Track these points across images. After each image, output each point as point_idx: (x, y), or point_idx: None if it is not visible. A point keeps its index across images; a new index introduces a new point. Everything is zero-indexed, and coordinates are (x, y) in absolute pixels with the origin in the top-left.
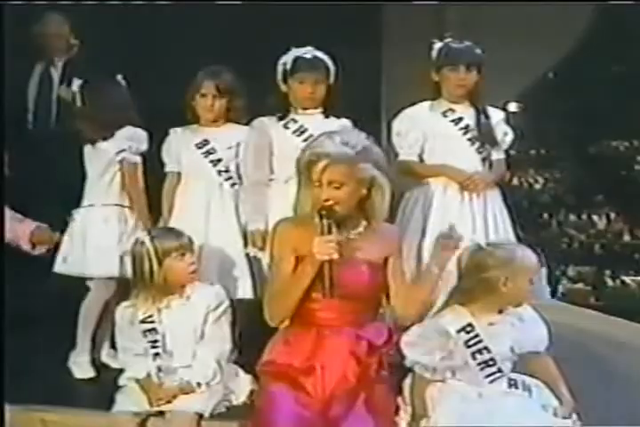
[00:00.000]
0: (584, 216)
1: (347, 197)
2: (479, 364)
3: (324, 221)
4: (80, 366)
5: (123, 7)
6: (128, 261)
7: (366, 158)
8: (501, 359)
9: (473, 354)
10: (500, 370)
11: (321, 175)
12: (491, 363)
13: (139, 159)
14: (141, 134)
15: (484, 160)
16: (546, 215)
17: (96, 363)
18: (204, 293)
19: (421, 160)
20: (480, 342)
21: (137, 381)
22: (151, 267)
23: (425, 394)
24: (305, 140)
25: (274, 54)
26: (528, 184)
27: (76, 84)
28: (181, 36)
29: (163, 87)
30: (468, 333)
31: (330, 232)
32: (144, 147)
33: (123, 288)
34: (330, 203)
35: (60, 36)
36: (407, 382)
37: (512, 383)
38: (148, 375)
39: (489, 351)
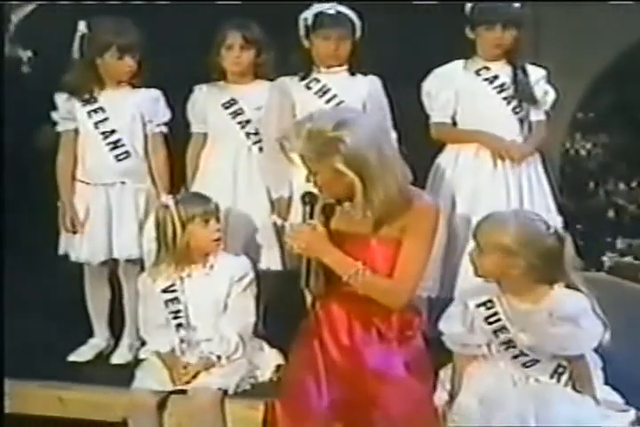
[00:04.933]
0: (634, 184)
1: (326, 184)
2: (502, 343)
3: (306, 208)
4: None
5: None
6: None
7: (337, 148)
8: (521, 344)
9: (495, 332)
10: (522, 353)
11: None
12: (512, 344)
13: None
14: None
15: (521, 121)
16: (592, 184)
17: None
18: (228, 263)
19: (454, 123)
20: (499, 320)
21: (158, 355)
22: (174, 232)
23: (462, 373)
24: (328, 101)
25: (295, 10)
26: (574, 150)
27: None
28: None
29: (182, 48)
30: (488, 309)
31: (311, 218)
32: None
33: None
34: (313, 189)
35: None
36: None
37: (559, 372)
38: (171, 350)
39: (508, 332)
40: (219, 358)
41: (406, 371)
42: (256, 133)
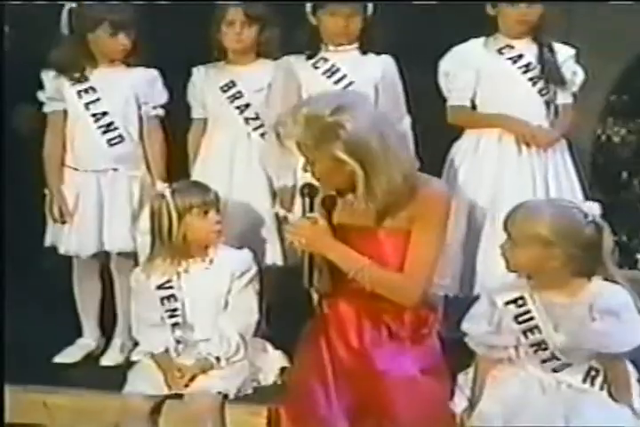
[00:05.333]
0: None
1: (325, 174)
2: (532, 345)
3: (306, 200)
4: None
5: None
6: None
7: (336, 134)
8: (554, 345)
9: (524, 332)
10: (554, 356)
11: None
12: (543, 346)
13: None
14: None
15: (547, 104)
16: (625, 174)
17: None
18: (228, 257)
19: (474, 106)
20: (531, 319)
21: (152, 356)
22: (170, 224)
23: (485, 377)
24: (337, 81)
25: None
26: (606, 137)
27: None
28: None
29: (181, 25)
30: (518, 306)
31: (311, 211)
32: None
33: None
34: (311, 180)
35: None
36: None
37: (592, 375)
38: (166, 351)
39: (540, 332)
40: (218, 359)
41: (420, 372)
42: (256, 118)
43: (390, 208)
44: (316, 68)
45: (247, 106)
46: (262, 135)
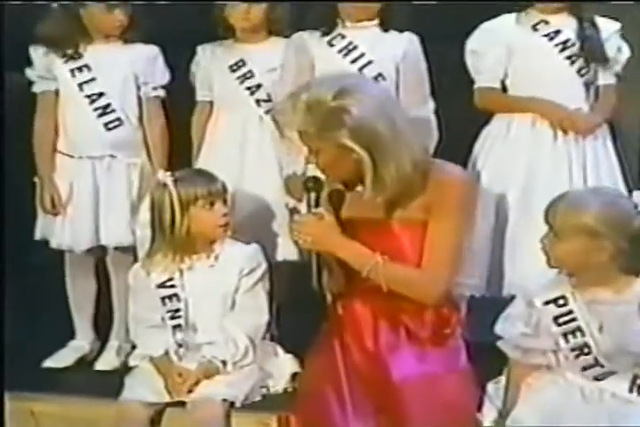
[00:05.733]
0: None
1: (330, 164)
2: (573, 349)
3: (310, 195)
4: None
5: None
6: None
7: (341, 120)
8: (598, 349)
9: (565, 335)
10: (597, 362)
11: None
12: (586, 350)
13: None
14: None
15: (587, 86)
16: None
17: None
18: (236, 252)
19: (504, 87)
20: (573, 320)
21: (151, 360)
22: (173, 216)
23: (520, 384)
24: (354, 60)
25: None
26: None
27: None
28: None
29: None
30: (559, 306)
31: (317, 206)
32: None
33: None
34: (316, 173)
35: None
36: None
37: (639, 384)
38: (166, 353)
39: (582, 334)
40: (224, 363)
41: (442, 377)
42: (269, 100)
43: (402, 198)
44: (332, 45)
45: (258, 87)
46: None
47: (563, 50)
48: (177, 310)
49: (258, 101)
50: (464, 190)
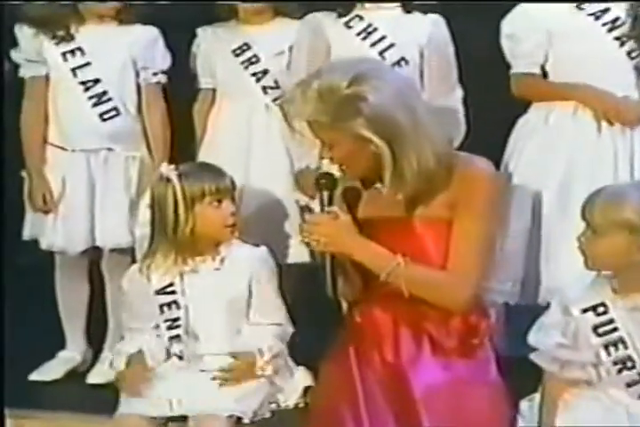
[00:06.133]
0: None
1: (346, 159)
2: (615, 363)
3: (323, 193)
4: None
5: None
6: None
7: (357, 109)
8: None
9: (606, 347)
10: None
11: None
12: (629, 364)
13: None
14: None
15: (637, 70)
16: None
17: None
18: (245, 256)
19: (544, 73)
20: (615, 330)
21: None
22: (176, 214)
23: (557, 401)
24: (374, 44)
25: None
26: None
27: None
28: None
29: None
30: (598, 315)
31: (330, 205)
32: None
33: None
34: (329, 168)
35: None
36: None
37: None
38: (141, 353)
39: (625, 346)
40: (261, 352)
41: (469, 393)
42: (276, 87)
43: (424, 194)
44: (349, 27)
45: (265, 72)
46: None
47: (611, 30)
48: (175, 319)
49: (264, 89)
50: (492, 185)
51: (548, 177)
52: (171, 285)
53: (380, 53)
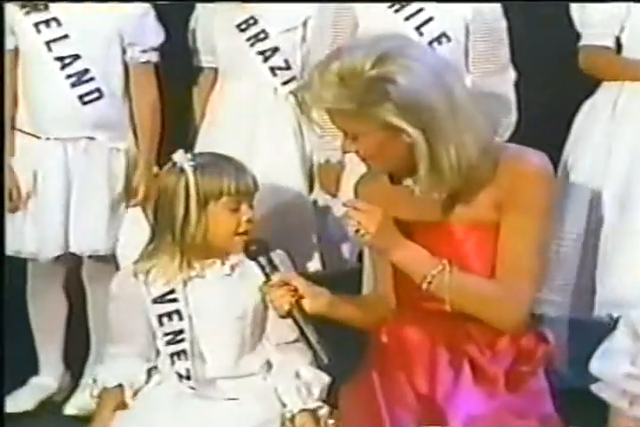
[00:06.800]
0: None
1: (374, 151)
2: None
3: (260, 260)
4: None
5: None
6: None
7: (384, 92)
8: None
9: None
10: None
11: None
12: None
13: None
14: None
15: None
16: None
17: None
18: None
19: (619, 47)
20: None
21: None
22: (186, 212)
23: None
24: (408, 18)
25: None
26: None
27: None
28: None
29: None
30: None
31: (272, 272)
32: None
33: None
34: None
35: None
36: None
37: None
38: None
39: None
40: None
41: None
42: (287, 68)
43: (465, 193)
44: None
45: (274, 51)
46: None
47: None
48: (179, 332)
49: (273, 69)
50: (547, 182)
51: (609, 172)
52: (172, 291)
53: (417, 28)
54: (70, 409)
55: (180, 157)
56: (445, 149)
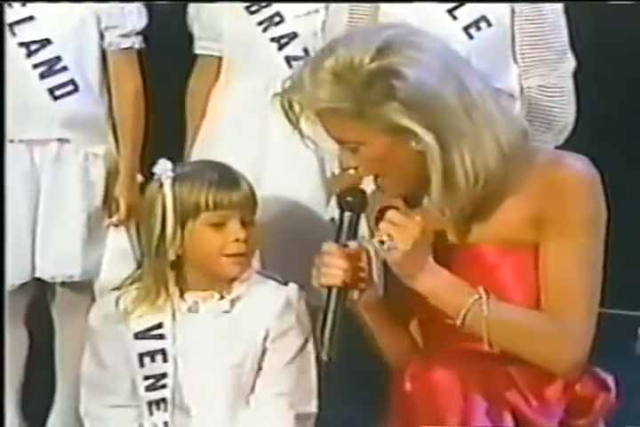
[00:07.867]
0: None
1: (379, 163)
2: None
3: (346, 217)
4: None
5: None
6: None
7: (389, 89)
8: None
9: None
10: None
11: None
12: None
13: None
14: None
15: None
16: None
17: None
18: (265, 296)
19: None
20: None
21: None
22: (162, 230)
23: None
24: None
25: None
26: None
27: None
28: None
29: None
30: None
31: (349, 237)
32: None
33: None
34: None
35: None
36: None
37: None
38: None
39: None
40: None
41: None
42: (305, 56)
43: (493, 207)
44: None
45: (291, 37)
46: None
47: None
48: (161, 376)
49: (289, 59)
50: (592, 190)
51: None
52: (159, 326)
53: (450, 12)
54: None
55: (160, 167)
56: (460, 155)
